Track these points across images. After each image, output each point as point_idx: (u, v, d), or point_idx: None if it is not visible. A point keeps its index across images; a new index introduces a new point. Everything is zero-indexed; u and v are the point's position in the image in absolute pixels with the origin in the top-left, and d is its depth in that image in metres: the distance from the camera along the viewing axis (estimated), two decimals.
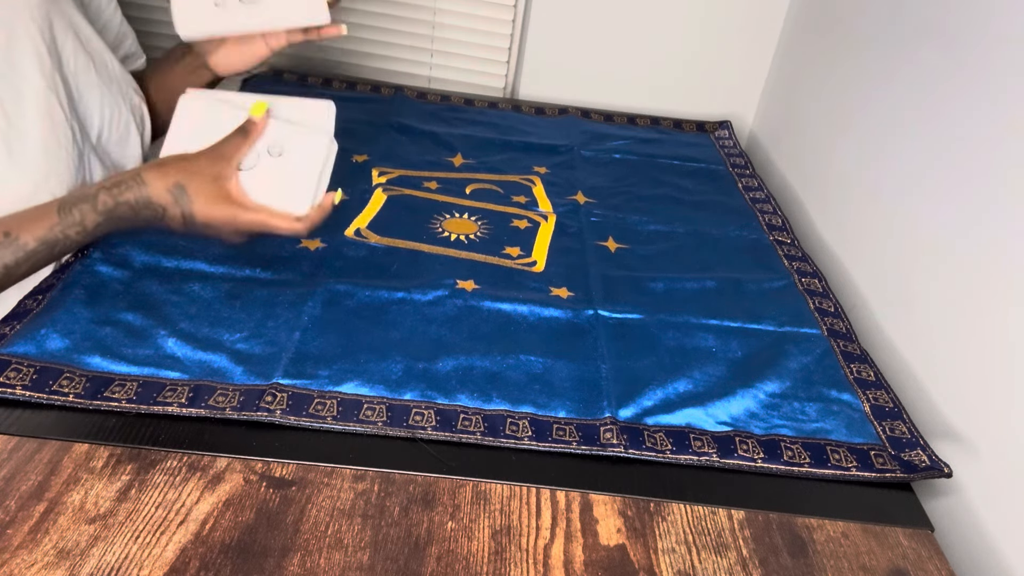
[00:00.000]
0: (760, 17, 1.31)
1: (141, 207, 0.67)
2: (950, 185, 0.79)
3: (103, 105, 0.80)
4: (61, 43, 0.76)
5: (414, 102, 1.26)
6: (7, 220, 0.64)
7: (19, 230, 0.64)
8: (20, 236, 0.63)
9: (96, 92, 0.79)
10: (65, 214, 0.65)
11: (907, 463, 0.66)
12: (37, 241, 0.64)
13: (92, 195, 0.66)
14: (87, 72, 0.78)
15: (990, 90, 0.74)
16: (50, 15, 0.74)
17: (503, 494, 0.60)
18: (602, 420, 0.67)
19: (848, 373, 0.76)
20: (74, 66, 0.77)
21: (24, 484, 0.56)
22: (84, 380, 0.64)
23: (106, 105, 0.80)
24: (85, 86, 0.78)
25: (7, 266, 0.63)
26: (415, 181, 1.02)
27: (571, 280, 0.86)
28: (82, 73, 0.77)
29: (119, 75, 0.83)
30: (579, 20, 1.32)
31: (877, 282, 0.90)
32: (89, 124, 0.79)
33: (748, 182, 1.13)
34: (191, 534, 0.54)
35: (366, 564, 0.53)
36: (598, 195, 1.05)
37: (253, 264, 0.80)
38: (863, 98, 0.99)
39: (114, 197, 0.66)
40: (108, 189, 0.66)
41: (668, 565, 0.56)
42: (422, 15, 1.32)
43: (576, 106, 1.33)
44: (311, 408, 0.64)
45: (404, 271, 0.83)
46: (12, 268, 0.64)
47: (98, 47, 0.81)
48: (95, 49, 0.80)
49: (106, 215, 0.66)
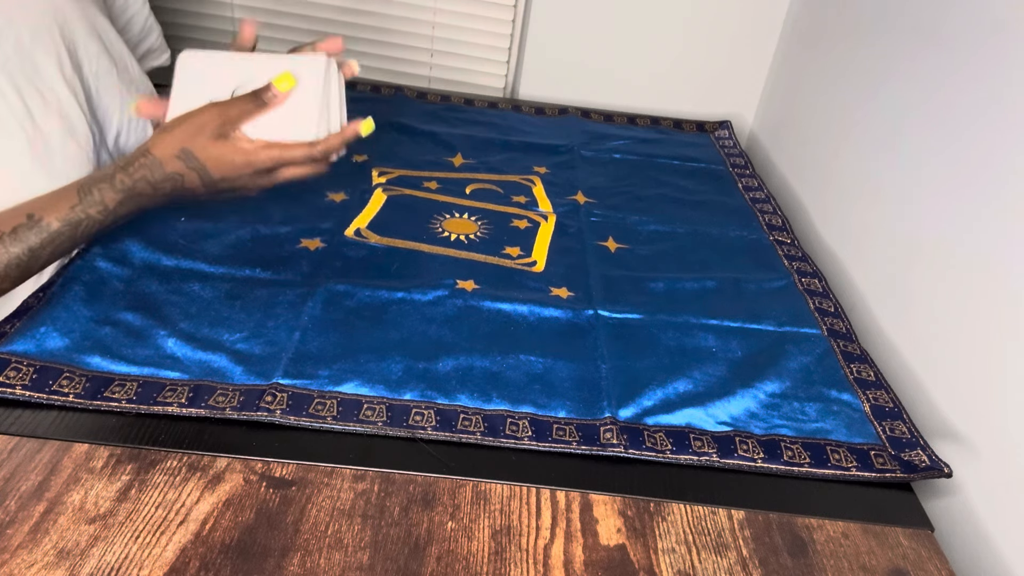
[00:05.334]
0: (760, 17, 1.31)
1: (159, 181, 0.66)
2: (950, 185, 0.79)
3: (122, 108, 0.80)
4: (84, 46, 0.76)
5: (414, 102, 1.26)
6: (29, 203, 0.64)
7: (42, 212, 0.64)
8: (44, 217, 0.63)
9: (116, 95, 0.80)
10: (85, 194, 0.65)
11: (907, 463, 0.66)
12: (61, 222, 0.64)
13: (110, 175, 0.66)
14: (109, 75, 0.79)
15: (991, 89, 0.74)
16: (74, 18, 0.75)
17: (503, 494, 0.60)
18: (602, 420, 0.67)
19: (848, 373, 0.76)
20: (96, 68, 0.77)
21: (24, 484, 0.56)
22: (84, 380, 0.64)
23: (126, 107, 0.81)
24: (106, 88, 0.78)
25: (32, 248, 0.63)
26: (415, 181, 1.02)
27: (571, 280, 0.86)
28: (104, 76, 0.78)
29: (139, 78, 0.84)
30: (579, 20, 1.32)
31: (877, 282, 0.90)
32: (108, 126, 0.79)
33: (748, 182, 1.13)
34: (191, 534, 0.54)
35: (366, 564, 0.53)
36: (598, 195, 1.05)
37: (253, 264, 0.80)
38: (863, 98, 0.99)
39: (130, 175, 0.66)
40: (123, 168, 0.66)
41: (668, 565, 0.56)
42: (422, 15, 1.32)
43: (576, 106, 1.32)
44: (311, 408, 0.64)
45: (404, 271, 0.83)
46: (37, 250, 0.64)
47: (120, 50, 0.82)
48: (117, 52, 0.81)
49: (126, 193, 0.66)
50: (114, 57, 0.80)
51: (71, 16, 0.75)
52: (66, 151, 0.72)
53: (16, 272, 0.64)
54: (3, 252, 0.62)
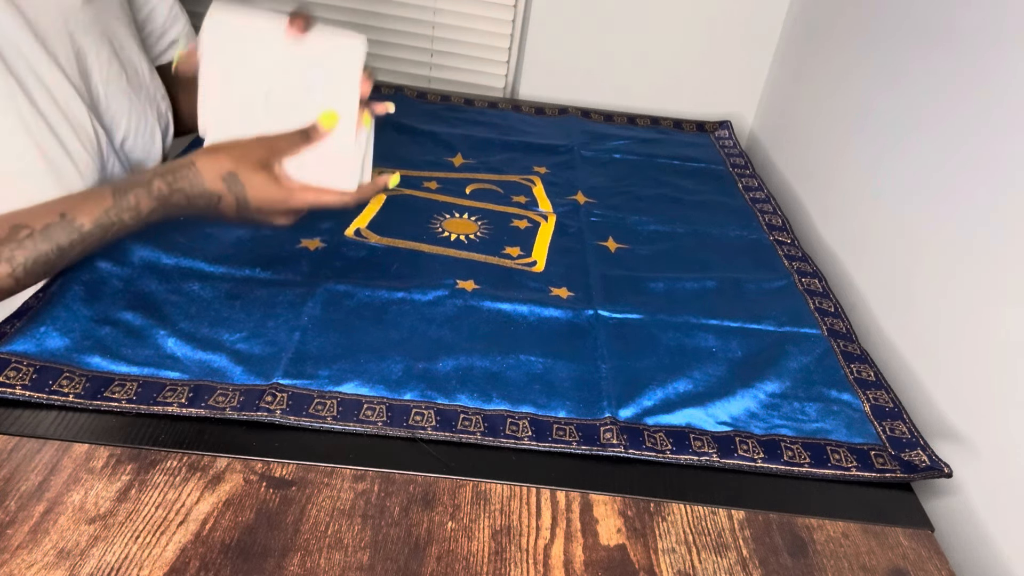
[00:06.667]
0: (760, 17, 1.31)
1: (196, 196, 0.66)
2: (951, 184, 0.79)
3: (131, 112, 0.80)
4: (96, 51, 0.76)
5: (414, 102, 1.26)
6: (62, 202, 0.64)
7: (75, 211, 0.63)
8: (76, 218, 0.63)
9: (125, 99, 0.79)
10: (120, 197, 0.64)
11: (907, 463, 0.66)
12: (93, 223, 0.63)
13: (147, 181, 0.65)
14: (119, 79, 0.79)
15: (991, 89, 0.74)
16: (85, 24, 0.75)
17: (503, 494, 0.60)
18: (602, 420, 0.67)
19: (848, 373, 0.76)
20: (106, 74, 0.77)
21: (24, 484, 0.56)
22: (84, 380, 0.64)
23: (133, 112, 0.81)
24: (114, 93, 0.78)
25: (61, 247, 0.63)
26: (415, 181, 1.02)
27: (571, 280, 0.86)
28: (113, 81, 0.78)
29: (148, 82, 0.84)
30: (579, 20, 1.32)
31: (877, 282, 0.90)
32: (115, 130, 0.79)
33: (748, 182, 1.13)
34: (191, 534, 0.54)
35: (366, 564, 0.53)
36: (598, 195, 1.05)
37: (253, 264, 0.80)
38: (864, 97, 0.99)
39: (169, 184, 0.65)
40: (162, 176, 0.66)
41: (668, 565, 0.56)
42: (422, 15, 1.32)
43: (576, 106, 1.32)
44: (311, 408, 0.64)
45: (404, 271, 0.83)
46: (66, 250, 0.63)
47: (130, 54, 0.81)
48: (128, 57, 0.81)
49: (161, 201, 0.65)
50: (123, 62, 0.80)
51: (82, 21, 0.75)
52: (74, 156, 0.72)
53: (43, 269, 0.63)
54: (32, 248, 0.61)
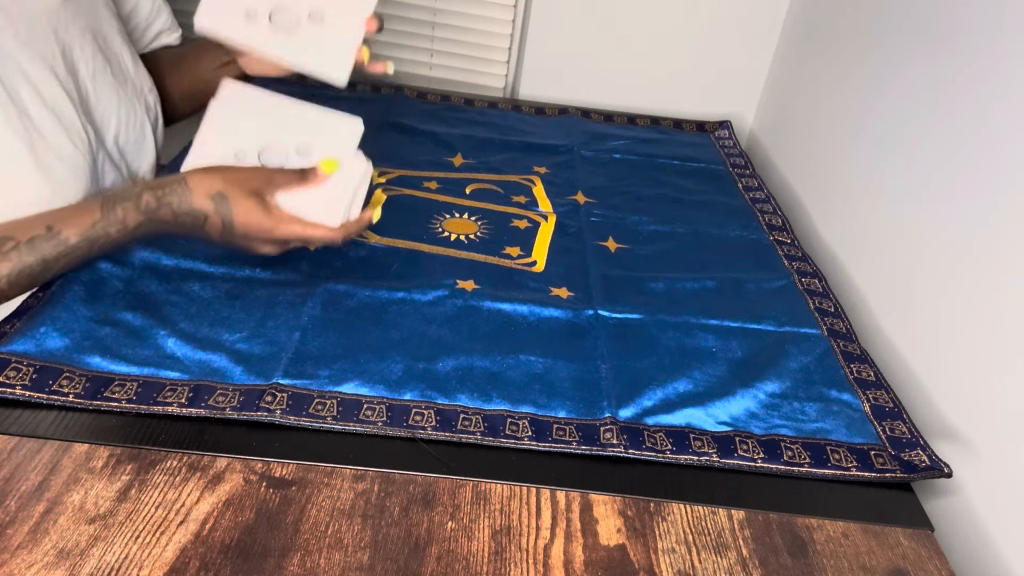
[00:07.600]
0: (760, 17, 1.31)
1: (183, 212, 0.66)
2: (951, 184, 0.79)
3: (120, 107, 0.80)
4: (80, 47, 0.76)
5: (414, 102, 1.26)
6: (50, 215, 0.64)
7: (62, 225, 0.63)
8: (63, 231, 0.63)
9: (113, 94, 0.79)
10: (108, 210, 0.64)
11: (907, 463, 0.66)
12: (79, 237, 0.64)
13: (136, 194, 0.65)
14: (104, 74, 0.78)
15: (991, 89, 0.74)
16: (68, 20, 0.74)
17: (503, 494, 0.60)
18: (602, 420, 0.67)
19: (848, 373, 0.76)
20: (92, 69, 0.77)
21: (24, 484, 0.56)
22: (84, 380, 0.64)
23: (123, 107, 0.80)
24: (102, 88, 0.78)
25: (46, 260, 0.63)
26: (415, 181, 1.02)
27: (571, 280, 0.86)
28: (100, 75, 0.78)
29: (134, 75, 0.83)
30: (579, 20, 1.32)
31: (877, 282, 0.90)
32: (105, 127, 0.79)
33: (748, 182, 1.13)
34: (191, 534, 0.54)
35: (366, 564, 0.53)
36: (598, 195, 1.05)
37: (253, 264, 0.80)
38: (863, 97, 0.99)
39: (158, 199, 0.66)
40: (152, 190, 0.66)
41: (668, 565, 0.56)
42: (422, 15, 1.32)
43: (576, 106, 1.32)
44: (311, 408, 0.64)
45: (404, 271, 0.83)
46: (51, 262, 0.63)
47: (116, 48, 0.81)
48: (113, 51, 0.80)
49: (148, 215, 0.66)
50: (108, 56, 0.79)
51: (65, 18, 0.74)
52: (63, 154, 0.72)
53: (26, 281, 0.63)
54: (17, 261, 0.62)
